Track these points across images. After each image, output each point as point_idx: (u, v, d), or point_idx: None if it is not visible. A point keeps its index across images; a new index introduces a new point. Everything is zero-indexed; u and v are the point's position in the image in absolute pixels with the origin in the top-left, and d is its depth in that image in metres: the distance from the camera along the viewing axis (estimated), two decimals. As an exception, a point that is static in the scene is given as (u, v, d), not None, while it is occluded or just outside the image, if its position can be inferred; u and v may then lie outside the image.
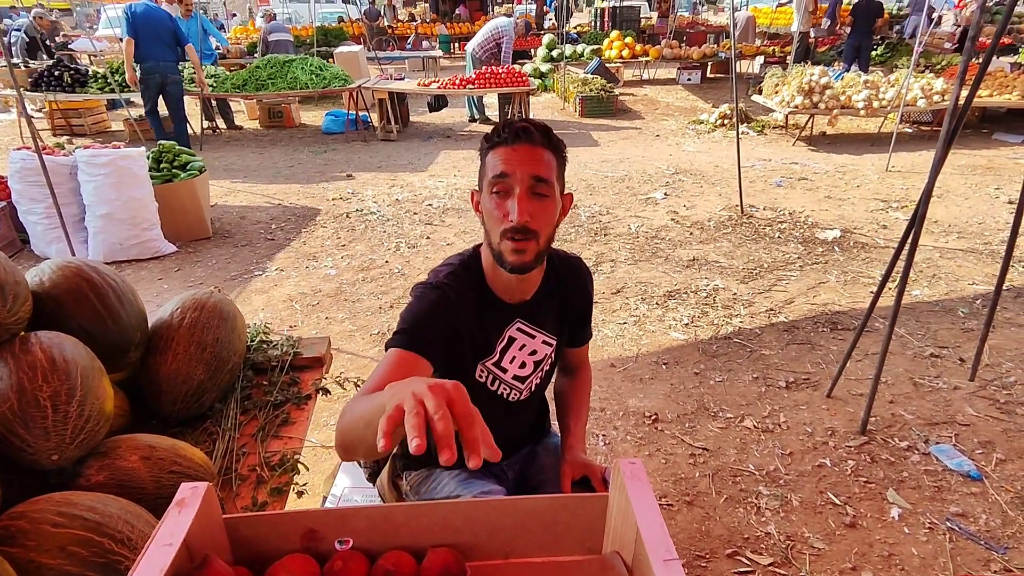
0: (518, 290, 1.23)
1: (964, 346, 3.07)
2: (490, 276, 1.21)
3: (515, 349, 1.27)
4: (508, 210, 1.07)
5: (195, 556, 0.73)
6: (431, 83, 8.15)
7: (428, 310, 1.14)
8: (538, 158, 1.08)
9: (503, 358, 1.26)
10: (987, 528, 2.04)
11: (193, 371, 1.38)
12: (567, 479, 1.27)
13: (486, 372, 1.26)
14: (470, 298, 1.19)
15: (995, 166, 6.22)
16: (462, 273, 1.21)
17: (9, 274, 1.16)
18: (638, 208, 5.22)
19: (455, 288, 1.17)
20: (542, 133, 1.10)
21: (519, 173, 1.06)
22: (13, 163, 4.08)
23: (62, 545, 0.91)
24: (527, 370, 1.29)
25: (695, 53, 11.68)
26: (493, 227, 1.10)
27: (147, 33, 6.10)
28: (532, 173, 1.07)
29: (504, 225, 1.08)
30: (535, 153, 1.08)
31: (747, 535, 2.03)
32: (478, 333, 1.22)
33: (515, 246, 1.08)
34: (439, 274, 1.21)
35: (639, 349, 3.15)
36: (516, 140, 1.08)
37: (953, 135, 2.05)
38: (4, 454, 1.05)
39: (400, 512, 0.82)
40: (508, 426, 1.36)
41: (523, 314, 1.26)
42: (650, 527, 0.70)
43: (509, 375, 1.28)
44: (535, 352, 1.29)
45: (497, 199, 1.09)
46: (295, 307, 3.66)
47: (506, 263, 1.10)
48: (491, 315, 1.23)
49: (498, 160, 1.08)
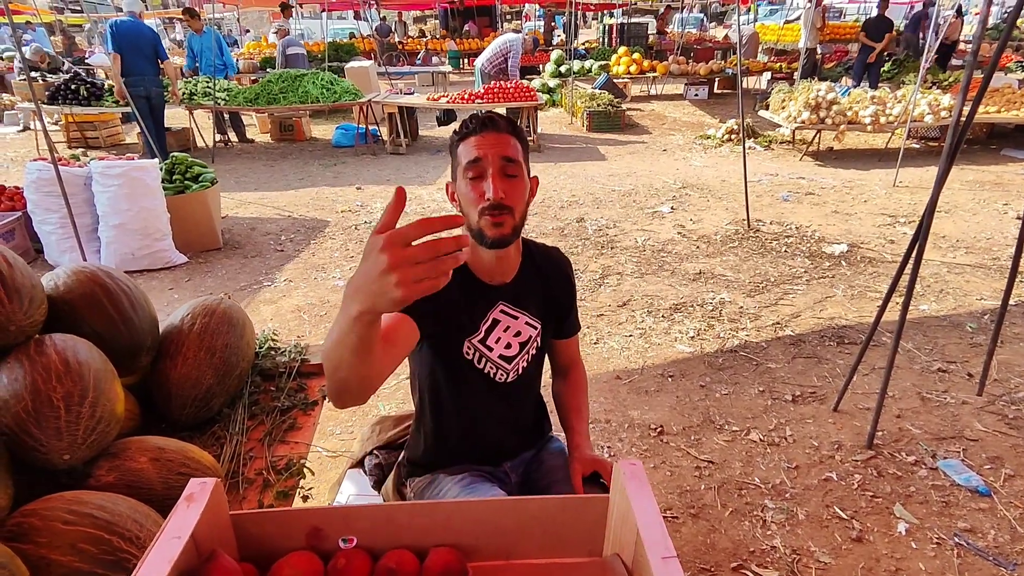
0: (498, 271, 1.29)
1: (972, 361, 3.05)
2: (471, 260, 1.29)
3: (499, 330, 1.31)
4: (484, 190, 1.17)
5: (202, 551, 0.74)
6: (440, 98, 8.24)
7: None
8: (505, 142, 1.19)
9: (488, 337, 1.31)
10: (996, 544, 2.01)
11: (202, 376, 1.41)
12: (578, 476, 1.30)
13: (472, 349, 1.30)
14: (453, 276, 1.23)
15: (1003, 182, 6.20)
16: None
17: (26, 278, 1.19)
18: (645, 222, 5.24)
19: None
20: (507, 121, 1.21)
21: (490, 155, 1.17)
22: (30, 174, 4.16)
23: (72, 542, 0.93)
24: (513, 351, 1.34)
25: (702, 69, 11.75)
26: (471, 209, 1.19)
27: (131, 48, 6.19)
28: (502, 154, 1.18)
29: (481, 204, 1.17)
30: (502, 139, 1.19)
31: (753, 548, 2.02)
32: (463, 310, 1.27)
33: (493, 220, 1.17)
34: None
35: (645, 361, 3.16)
36: (484, 128, 1.19)
37: (955, 151, 2.07)
38: (17, 453, 1.07)
39: (403, 512, 0.83)
40: (505, 414, 1.38)
41: (505, 296, 1.31)
42: (649, 526, 0.71)
43: (495, 354, 1.32)
44: (519, 333, 1.33)
45: (473, 183, 1.18)
46: (303, 317, 3.69)
47: (486, 239, 1.18)
48: (475, 295, 1.29)
49: (470, 147, 1.19)
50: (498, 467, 1.42)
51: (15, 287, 1.14)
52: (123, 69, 6.29)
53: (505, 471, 1.42)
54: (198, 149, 8.30)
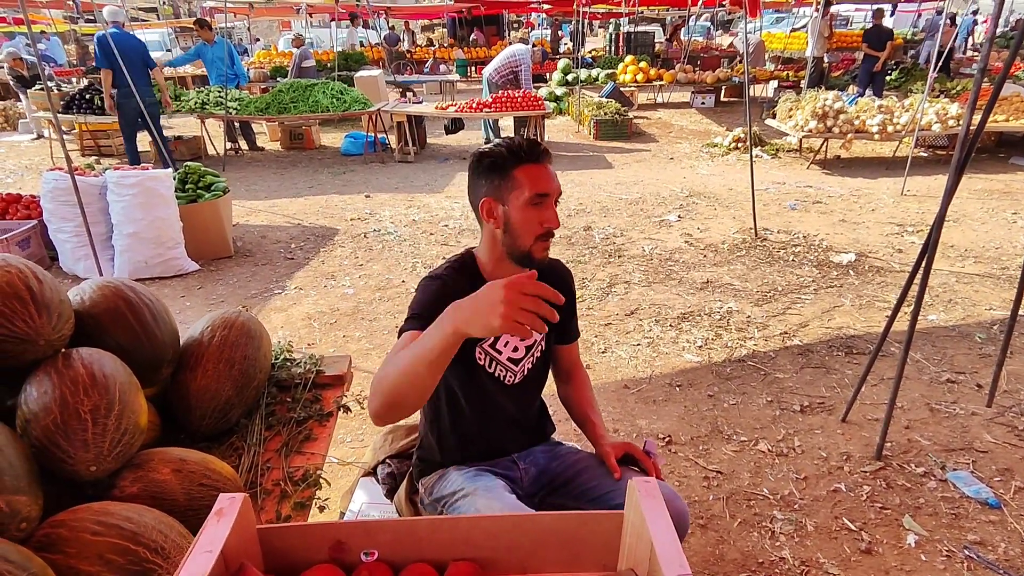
0: None
1: (981, 372, 3.05)
2: (487, 272, 1.39)
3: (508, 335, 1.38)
4: (544, 219, 1.30)
5: (230, 564, 0.77)
6: (448, 106, 8.31)
7: (433, 296, 1.31)
8: (555, 175, 1.33)
9: (497, 341, 1.42)
10: (1006, 557, 2.01)
11: (221, 388, 1.44)
12: (611, 458, 1.40)
13: (484, 354, 1.41)
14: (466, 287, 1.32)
15: (1012, 191, 6.19)
16: (459, 269, 1.40)
17: (55, 293, 1.22)
18: (652, 230, 5.26)
19: (453, 278, 1.36)
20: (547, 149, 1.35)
21: (555, 189, 1.32)
22: (46, 183, 4.23)
23: (100, 553, 0.96)
24: (519, 354, 1.45)
25: (709, 77, 11.79)
26: (526, 232, 1.30)
27: (125, 59, 6.16)
28: (560, 190, 1.34)
29: (540, 231, 1.30)
30: (552, 170, 1.33)
31: (761, 559, 2.03)
32: None
33: (546, 246, 1.33)
34: (438, 269, 1.42)
35: (652, 371, 3.17)
36: (542, 159, 1.31)
37: (965, 162, 2.08)
38: (45, 465, 1.10)
39: (423, 526, 0.85)
40: (513, 410, 1.48)
41: None
42: (664, 544, 0.73)
43: (504, 357, 1.43)
44: (525, 338, 1.42)
45: (534, 210, 1.29)
46: (313, 325, 3.73)
47: (535, 261, 1.32)
48: None
49: (535, 178, 1.29)
50: (506, 456, 1.51)
51: (44, 303, 1.18)
52: (118, 80, 6.27)
53: (512, 459, 1.50)
54: (209, 157, 8.39)
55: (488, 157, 1.32)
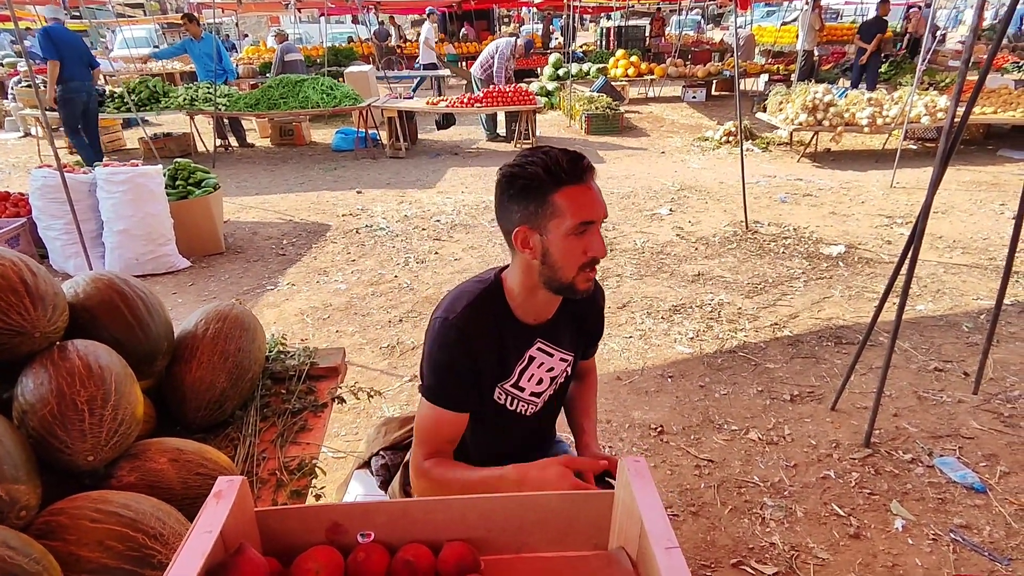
0: (544, 311, 1.29)
1: (968, 360, 3.10)
2: (515, 303, 1.26)
3: (534, 367, 1.32)
4: (590, 247, 1.13)
5: (229, 545, 0.78)
6: (439, 102, 8.30)
7: (451, 358, 1.21)
8: (599, 192, 1.14)
9: (521, 378, 1.32)
10: (991, 540, 2.06)
11: (216, 380, 1.44)
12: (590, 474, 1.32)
13: (504, 394, 1.32)
14: (489, 330, 1.24)
15: (1000, 182, 6.26)
16: (481, 305, 1.23)
17: (49, 286, 1.23)
18: (644, 224, 5.29)
19: (474, 322, 1.21)
20: (587, 160, 1.15)
21: (600, 213, 1.13)
22: (35, 180, 4.20)
23: (100, 539, 0.97)
24: (543, 386, 1.36)
25: (700, 71, 11.82)
26: (568, 264, 1.14)
27: (70, 54, 6.09)
28: (605, 214, 1.15)
29: (584, 260, 1.14)
30: (596, 188, 1.14)
31: (752, 545, 2.06)
32: (497, 361, 1.28)
33: (589, 276, 1.17)
34: (456, 308, 1.22)
35: (645, 363, 3.20)
36: (584, 178, 1.12)
37: (950, 152, 2.11)
38: (42, 455, 1.11)
39: (418, 508, 0.87)
40: (519, 436, 1.42)
41: (543, 334, 1.32)
42: (653, 519, 0.75)
43: (526, 393, 1.34)
44: (552, 369, 1.35)
45: (578, 240, 1.12)
46: (306, 320, 3.73)
47: (578, 291, 1.18)
48: (512, 339, 1.29)
49: (579, 204, 1.10)
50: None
51: (39, 295, 1.18)
52: (64, 75, 6.17)
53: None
54: (199, 154, 8.35)
55: (521, 179, 1.12)
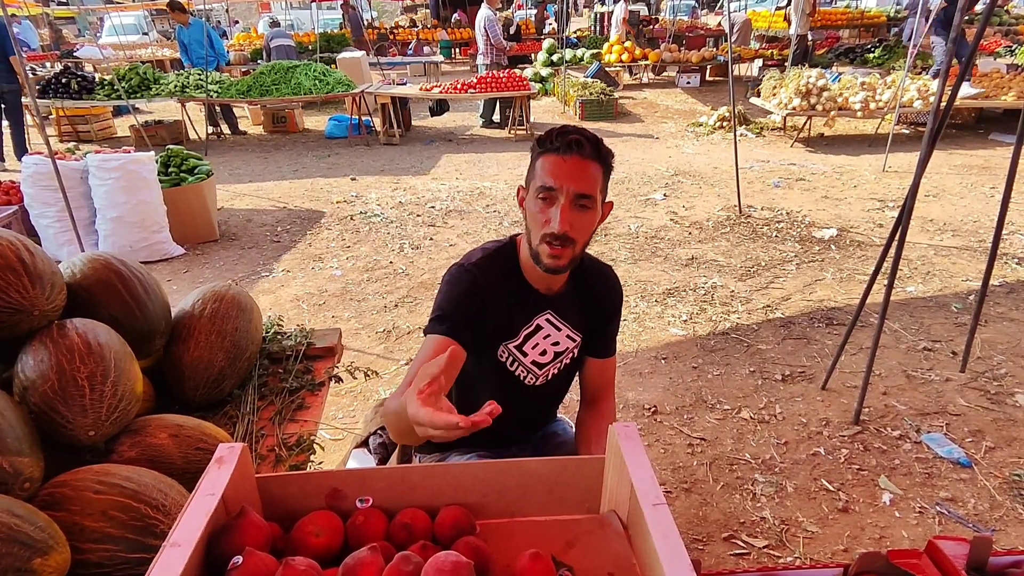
0: (550, 280, 1.31)
1: (957, 340, 3.14)
2: (525, 265, 1.29)
3: (539, 337, 1.34)
4: (550, 217, 1.14)
5: (231, 509, 0.81)
6: (432, 88, 8.26)
7: (460, 295, 1.24)
8: (586, 173, 1.14)
9: (526, 343, 1.33)
10: (975, 512, 2.11)
11: (214, 358, 1.46)
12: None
13: (507, 353, 1.33)
14: (500, 284, 1.28)
15: (991, 166, 6.30)
16: (495, 260, 1.30)
17: (47, 266, 1.24)
18: (638, 209, 5.31)
19: (486, 272, 1.27)
20: (593, 146, 1.15)
21: (565, 186, 1.13)
22: (26, 168, 4.18)
23: (103, 510, 0.99)
24: (547, 358, 1.36)
25: (694, 56, 11.78)
26: (535, 228, 1.18)
27: None
28: (577, 191, 1.13)
29: (545, 230, 1.15)
30: (584, 167, 1.14)
31: (743, 520, 2.11)
32: (504, 317, 1.30)
33: (551, 251, 1.16)
34: (472, 257, 1.30)
35: (639, 345, 3.23)
36: (568, 151, 1.13)
37: (937, 134, 2.14)
38: (44, 430, 1.13)
39: (416, 473, 0.90)
40: (521, 407, 1.40)
41: (554, 306, 1.34)
42: (642, 479, 0.77)
43: (528, 359, 1.35)
44: (558, 343, 1.36)
45: (542, 204, 1.16)
46: (302, 306, 3.74)
47: (541, 264, 1.20)
48: (522, 301, 1.31)
49: (548, 169, 1.14)
50: (507, 450, 1.50)
51: (37, 274, 1.19)
52: None
53: (513, 453, 1.50)
54: (191, 142, 8.29)
55: (535, 143, 1.21)
